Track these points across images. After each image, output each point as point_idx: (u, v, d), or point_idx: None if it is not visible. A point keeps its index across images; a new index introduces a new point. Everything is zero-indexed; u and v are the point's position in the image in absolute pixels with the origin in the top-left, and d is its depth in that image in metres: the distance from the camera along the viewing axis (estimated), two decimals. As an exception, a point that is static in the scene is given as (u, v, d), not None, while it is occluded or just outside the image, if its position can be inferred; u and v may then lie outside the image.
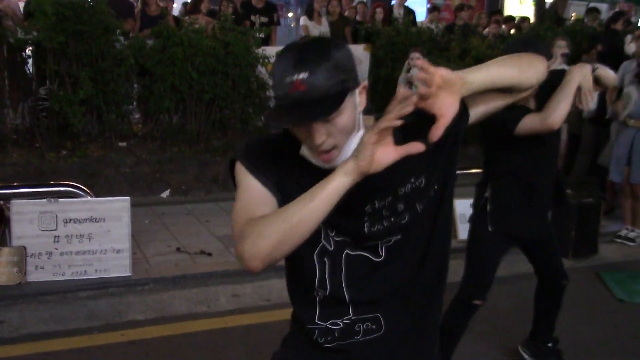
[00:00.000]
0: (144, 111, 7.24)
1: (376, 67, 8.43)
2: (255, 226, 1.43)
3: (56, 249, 4.48)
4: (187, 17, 7.85)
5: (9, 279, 4.34)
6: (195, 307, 4.37)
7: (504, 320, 4.32)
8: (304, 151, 1.53)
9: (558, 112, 2.86)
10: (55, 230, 4.49)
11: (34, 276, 4.43)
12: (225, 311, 4.35)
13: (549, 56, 2.93)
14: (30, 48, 6.73)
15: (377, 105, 8.46)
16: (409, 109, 1.34)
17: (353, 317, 1.63)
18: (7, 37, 6.49)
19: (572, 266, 5.50)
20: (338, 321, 1.63)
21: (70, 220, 4.53)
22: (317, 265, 1.61)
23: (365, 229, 1.57)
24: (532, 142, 3.03)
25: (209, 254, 5.13)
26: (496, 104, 1.65)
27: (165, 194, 6.73)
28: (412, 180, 1.55)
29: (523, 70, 1.60)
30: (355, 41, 9.12)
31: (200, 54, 6.85)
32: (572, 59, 7.58)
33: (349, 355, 1.65)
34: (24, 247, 4.39)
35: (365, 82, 1.50)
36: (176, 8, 10.15)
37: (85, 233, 4.55)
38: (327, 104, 1.38)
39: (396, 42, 8.29)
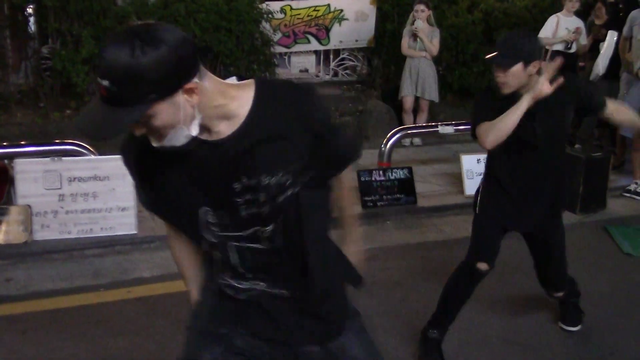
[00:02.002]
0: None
1: (382, 21, 8.27)
2: None
3: (61, 207, 4.49)
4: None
5: (15, 237, 4.36)
6: (201, 264, 4.38)
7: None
8: None
9: (493, 135, 2.79)
10: (60, 188, 4.49)
11: (40, 235, 4.45)
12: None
13: (537, 55, 2.84)
14: (32, 6, 6.64)
15: (383, 60, 8.37)
16: None
17: (255, 281, 1.67)
18: (8, -5, 6.41)
19: (580, 221, 5.48)
20: (242, 281, 1.68)
21: (74, 178, 4.52)
22: (206, 248, 1.68)
23: (242, 212, 1.55)
24: (512, 145, 2.89)
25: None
26: None
27: (170, 153, 6.70)
28: (280, 174, 1.52)
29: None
30: (362, -5, 8.95)
31: (203, 10, 6.75)
32: (581, 13, 7.42)
33: (258, 306, 1.70)
34: (29, 206, 4.40)
35: (194, 83, 1.38)
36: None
37: (90, 191, 4.55)
38: (118, 120, 1.34)
39: (403, -4, 8.12)
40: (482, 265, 3.18)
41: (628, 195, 6.02)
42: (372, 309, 3.83)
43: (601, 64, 6.57)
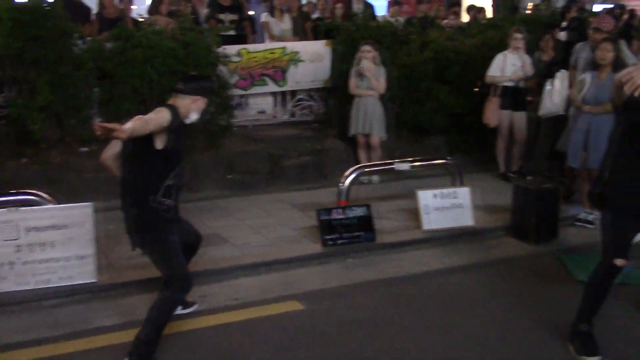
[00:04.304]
0: (105, 115, 7.15)
1: (338, 62, 8.45)
2: None
3: (19, 258, 4.43)
4: (145, 17, 7.79)
5: (-29, 290, 4.28)
6: (162, 310, 4.35)
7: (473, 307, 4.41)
8: None
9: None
10: (17, 239, 4.44)
11: (-4, 287, 4.38)
12: (193, 312, 4.35)
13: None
14: (-14, 55, 6.60)
15: (339, 100, 8.52)
16: None
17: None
18: (-38, 44, 6.36)
19: (534, 251, 5.63)
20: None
21: (32, 228, 4.48)
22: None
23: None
24: None
25: (176, 256, 5.10)
26: None
27: (130, 198, 6.67)
28: None
29: None
30: (316, 37, 9.13)
31: (160, 55, 6.81)
32: (529, 49, 7.72)
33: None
34: (-14, 258, 4.34)
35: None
36: (138, 9, 10.05)
37: (48, 241, 4.50)
38: None
39: (356, 37, 8.30)
40: (620, 262, 3.58)
41: (579, 224, 6.21)
42: (337, 348, 3.87)
43: (560, 104, 6.81)
